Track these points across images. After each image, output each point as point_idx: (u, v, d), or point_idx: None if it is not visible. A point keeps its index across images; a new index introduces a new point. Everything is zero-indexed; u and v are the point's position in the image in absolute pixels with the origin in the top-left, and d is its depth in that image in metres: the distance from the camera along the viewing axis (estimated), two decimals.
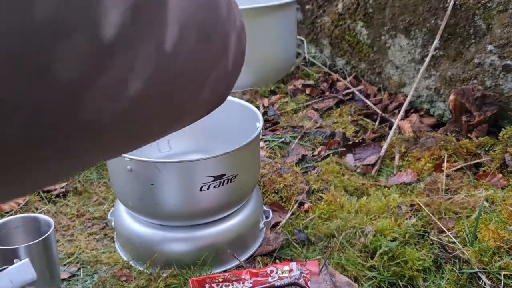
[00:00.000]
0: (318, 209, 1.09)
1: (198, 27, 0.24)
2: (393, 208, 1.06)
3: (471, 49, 1.37)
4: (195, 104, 0.29)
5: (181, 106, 0.27)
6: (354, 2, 1.63)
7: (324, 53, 1.84)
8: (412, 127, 1.47)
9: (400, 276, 0.88)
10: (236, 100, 1.07)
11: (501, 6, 1.28)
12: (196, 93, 0.27)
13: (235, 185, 0.89)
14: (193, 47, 0.24)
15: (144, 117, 0.24)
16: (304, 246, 1.00)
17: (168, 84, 0.23)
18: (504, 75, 1.31)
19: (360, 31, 1.66)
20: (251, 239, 0.99)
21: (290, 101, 1.71)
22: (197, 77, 0.26)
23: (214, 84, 0.28)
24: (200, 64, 0.26)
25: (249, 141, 0.88)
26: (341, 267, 0.91)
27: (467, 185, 1.16)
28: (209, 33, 0.26)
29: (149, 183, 0.85)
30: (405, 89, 1.61)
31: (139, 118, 0.23)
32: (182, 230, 0.92)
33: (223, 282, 0.86)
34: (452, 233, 0.98)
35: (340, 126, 1.51)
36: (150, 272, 0.91)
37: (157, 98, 0.23)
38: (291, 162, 1.31)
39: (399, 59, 1.58)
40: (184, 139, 1.13)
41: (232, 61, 0.29)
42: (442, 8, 1.40)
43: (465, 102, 1.34)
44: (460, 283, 0.87)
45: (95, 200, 1.19)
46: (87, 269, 0.97)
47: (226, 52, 0.28)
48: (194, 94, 0.27)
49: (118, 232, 0.99)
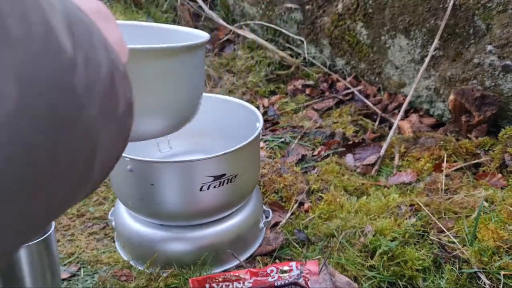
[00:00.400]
0: (318, 209, 1.10)
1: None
2: (392, 208, 1.07)
3: (471, 49, 1.37)
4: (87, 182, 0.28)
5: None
6: (354, 2, 1.64)
7: (324, 53, 1.84)
8: (412, 127, 1.47)
9: (400, 276, 0.88)
10: (236, 100, 1.07)
11: (500, 7, 1.28)
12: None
13: (235, 185, 0.89)
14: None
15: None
16: (304, 246, 1.00)
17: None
18: (504, 75, 1.31)
19: (360, 31, 1.66)
20: (251, 239, 0.99)
21: (290, 101, 1.71)
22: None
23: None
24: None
25: (249, 141, 0.88)
26: (341, 267, 0.91)
27: (467, 185, 1.16)
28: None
29: (149, 183, 0.86)
30: (405, 89, 1.61)
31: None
32: (182, 230, 0.92)
33: (223, 282, 0.86)
34: (451, 233, 0.98)
35: (340, 126, 1.52)
36: (150, 272, 0.91)
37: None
38: (291, 162, 1.31)
39: (399, 59, 1.58)
40: (184, 139, 1.13)
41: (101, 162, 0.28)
42: (441, 8, 1.40)
43: (464, 102, 1.34)
44: (459, 283, 0.87)
45: (95, 200, 1.19)
46: (88, 269, 0.97)
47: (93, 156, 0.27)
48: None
49: (118, 232, 0.99)
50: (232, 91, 1.75)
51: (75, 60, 0.24)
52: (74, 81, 0.24)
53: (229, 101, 1.08)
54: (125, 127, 0.31)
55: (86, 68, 0.25)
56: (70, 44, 0.24)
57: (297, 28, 1.88)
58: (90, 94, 0.25)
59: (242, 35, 1.96)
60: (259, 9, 1.99)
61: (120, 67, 0.30)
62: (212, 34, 2.13)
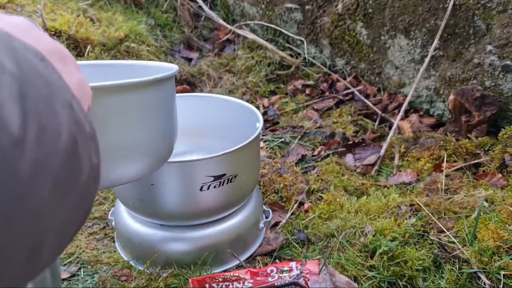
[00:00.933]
0: (318, 209, 1.10)
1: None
2: (392, 208, 1.07)
3: (471, 49, 1.37)
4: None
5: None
6: (354, 2, 1.64)
7: (324, 53, 1.84)
8: (412, 127, 1.47)
9: (400, 276, 0.88)
10: (236, 100, 1.07)
11: (500, 7, 1.28)
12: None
13: (235, 185, 0.89)
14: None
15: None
16: (304, 246, 1.00)
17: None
18: (504, 75, 1.31)
19: (360, 31, 1.66)
20: (251, 239, 0.99)
21: (290, 101, 1.71)
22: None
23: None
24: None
25: (249, 141, 0.88)
26: (341, 267, 0.91)
27: (467, 185, 1.16)
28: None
29: (149, 183, 0.86)
30: (405, 89, 1.61)
31: None
32: (182, 230, 0.92)
33: (223, 282, 0.86)
34: (451, 233, 0.98)
35: (340, 126, 1.52)
36: (150, 272, 0.91)
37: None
38: (291, 162, 1.31)
39: (399, 59, 1.58)
40: (184, 139, 1.13)
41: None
42: (441, 9, 1.40)
43: (464, 102, 1.34)
44: (459, 283, 0.87)
45: (95, 200, 1.19)
46: (88, 268, 0.97)
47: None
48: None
49: (119, 232, 0.99)
50: (232, 91, 1.75)
51: (23, 138, 0.20)
52: (17, 165, 0.20)
53: (229, 101, 1.08)
54: (88, 196, 0.27)
55: (39, 142, 0.22)
56: (19, 117, 0.20)
57: (297, 28, 1.88)
58: (41, 173, 0.22)
59: (242, 35, 1.96)
60: (259, 9, 1.99)
61: (86, 127, 0.27)
62: (212, 34, 2.13)
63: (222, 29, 2.09)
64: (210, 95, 1.12)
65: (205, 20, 2.16)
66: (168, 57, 1.92)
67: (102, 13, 1.90)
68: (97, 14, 1.87)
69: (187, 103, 1.11)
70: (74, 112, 0.25)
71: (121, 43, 1.72)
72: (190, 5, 2.17)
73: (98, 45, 1.65)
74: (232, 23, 2.10)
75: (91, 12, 1.86)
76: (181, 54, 1.98)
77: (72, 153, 0.24)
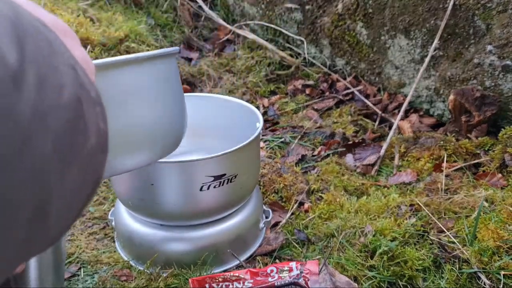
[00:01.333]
0: (318, 209, 1.10)
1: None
2: (392, 208, 1.07)
3: (471, 49, 1.37)
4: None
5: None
6: (354, 2, 1.64)
7: (324, 53, 1.84)
8: (412, 127, 1.47)
9: (400, 276, 0.88)
10: (236, 100, 1.07)
11: (500, 7, 1.28)
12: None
13: (235, 185, 0.89)
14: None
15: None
16: (304, 246, 1.00)
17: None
18: (504, 75, 1.31)
19: (360, 31, 1.66)
20: (251, 239, 0.99)
21: (290, 101, 1.71)
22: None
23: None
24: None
25: (249, 141, 0.88)
26: (341, 267, 0.91)
27: (467, 185, 1.16)
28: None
29: (149, 183, 0.86)
30: (405, 89, 1.61)
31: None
32: (182, 230, 0.92)
33: (223, 282, 0.86)
34: (451, 233, 0.98)
35: (340, 126, 1.52)
36: (150, 272, 0.91)
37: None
38: (291, 162, 1.31)
39: (399, 59, 1.58)
40: (184, 139, 1.12)
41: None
42: (441, 9, 1.40)
43: (464, 102, 1.34)
44: (459, 283, 0.87)
45: (95, 200, 1.19)
46: (88, 269, 0.97)
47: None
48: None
49: (119, 232, 0.99)
50: (232, 91, 1.75)
51: (21, 77, 0.19)
52: (17, 105, 0.19)
53: (229, 101, 1.08)
54: (96, 166, 0.25)
55: (39, 91, 0.20)
56: (16, 56, 0.19)
57: (297, 28, 1.88)
58: (42, 125, 0.20)
59: (242, 35, 1.96)
60: (259, 9, 1.99)
61: (91, 92, 0.25)
62: (212, 34, 2.13)
63: (222, 29, 2.09)
64: (210, 95, 1.12)
65: (205, 20, 2.16)
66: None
67: (102, 13, 1.90)
68: (97, 14, 1.87)
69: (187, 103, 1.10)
70: (77, 75, 0.24)
71: (121, 43, 1.72)
72: (190, 5, 2.17)
73: (98, 45, 1.65)
74: (232, 23, 2.10)
75: (91, 12, 1.86)
76: (181, 54, 1.98)
77: (76, 112, 0.22)
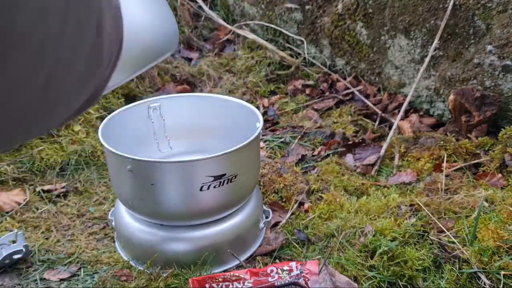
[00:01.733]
0: (318, 209, 1.10)
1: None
2: (392, 208, 1.07)
3: (471, 50, 1.37)
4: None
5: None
6: (354, 2, 1.64)
7: (324, 53, 1.84)
8: (412, 127, 1.47)
9: (400, 276, 0.88)
10: (236, 100, 1.07)
11: (500, 7, 1.28)
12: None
13: (235, 185, 0.89)
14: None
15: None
16: (304, 246, 1.00)
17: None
18: (504, 75, 1.31)
19: (360, 31, 1.66)
20: (251, 239, 0.99)
21: (290, 101, 1.71)
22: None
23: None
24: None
25: (249, 141, 0.88)
26: (341, 267, 0.91)
27: (467, 185, 1.16)
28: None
29: (149, 183, 0.86)
30: (405, 89, 1.61)
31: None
32: (182, 230, 0.92)
33: (223, 282, 0.86)
34: (451, 233, 0.98)
35: (340, 126, 1.52)
36: (150, 272, 0.91)
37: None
38: (291, 162, 1.31)
39: (399, 59, 1.58)
40: (184, 139, 1.13)
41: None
42: (441, 9, 1.40)
43: (464, 102, 1.34)
44: (459, 283, 0.87)
45: (95, 200, 1.19)
46: (88, 269, 0.97)
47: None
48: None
49: (119, 232, 0.99)
50: (232, 91, 1.75)
51: None
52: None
53: (229, 101, 1.08)
54: (119, 20, 0.29)
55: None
56: None
57: (297, 28, 1.88)
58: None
59: (242, 35, 1.96)
60: (259, 9, 1.99)
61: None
62: (212, 34, 2.13)
63: (222, 29, 2.09)
64: (210, 95, 1.12)
65: (205, 20, 2.16)
66: (168, 57, 1.93)
67: None
68: None
69: (187, 103, 1.11)
70: None
71: None
72: (190, 5, 2.17)
73: None
74: (232, 23, 2.10)
75: None
76: (181, 54, 1.98)
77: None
